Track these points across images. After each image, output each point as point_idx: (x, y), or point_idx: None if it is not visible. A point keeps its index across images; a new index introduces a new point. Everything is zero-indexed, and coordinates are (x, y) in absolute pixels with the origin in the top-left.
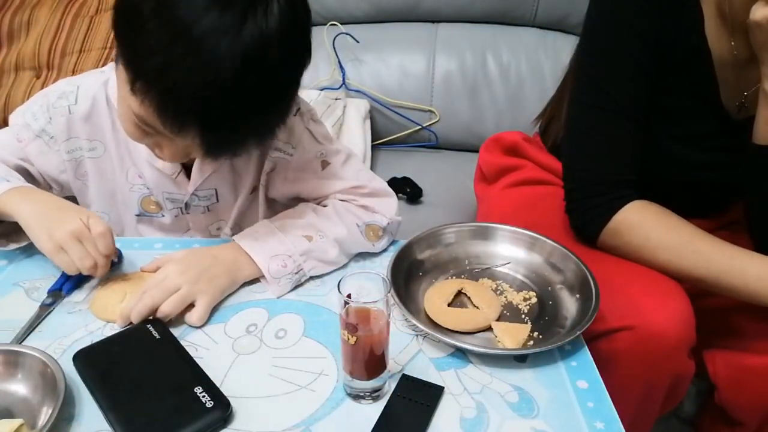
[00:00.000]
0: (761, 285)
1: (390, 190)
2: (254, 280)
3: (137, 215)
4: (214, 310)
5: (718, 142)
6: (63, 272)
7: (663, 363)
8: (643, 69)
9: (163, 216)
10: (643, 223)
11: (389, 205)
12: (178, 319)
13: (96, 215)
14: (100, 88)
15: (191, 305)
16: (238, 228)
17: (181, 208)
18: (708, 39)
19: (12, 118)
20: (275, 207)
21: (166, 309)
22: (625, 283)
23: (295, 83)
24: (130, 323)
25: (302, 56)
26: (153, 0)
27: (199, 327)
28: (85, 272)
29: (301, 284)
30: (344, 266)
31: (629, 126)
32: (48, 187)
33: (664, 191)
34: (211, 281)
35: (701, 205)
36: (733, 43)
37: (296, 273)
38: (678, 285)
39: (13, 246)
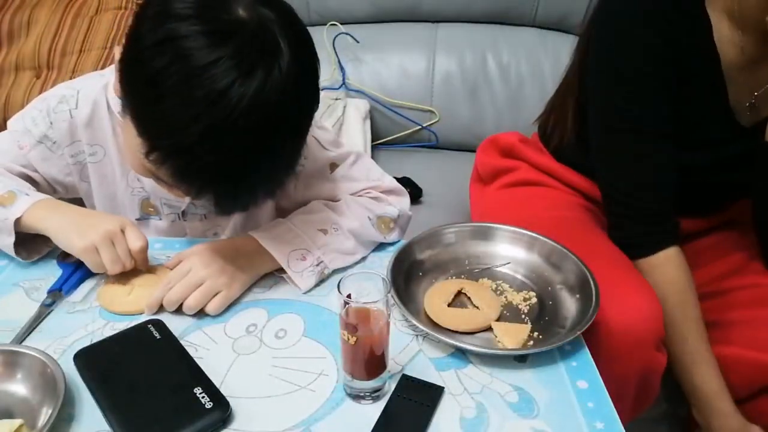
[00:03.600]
0: (701, 403)
1: (402, 188)
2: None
3: (138, 219)
4: None
5: (725, 147)
6: (63, 272)
7: (629, 358)
8: (664, 83)
9: (160, 219)
10: (662, 286)
11: (401, 201)
12: (179, 319)
13: (132, 225)
14: (100, 92)
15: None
16: (235, 235)
17: (178, 214)
18: (717, 45)
19: (11, 124)
20: (285, 215)
21: (192, 303)
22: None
23: (304, 135)
24: (134, 320)
25: (312, 108)
26: (173, 77)
27: (216, 316)
28: (111, 274)
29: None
30: (351, 264)
31: (668, 146)
32: (52, 191)
33: None
34: (234, 274)
35: (702, 204)
36: (742, 44)
37: (317, 265)
38: (645, 280)
39: (34, 257)
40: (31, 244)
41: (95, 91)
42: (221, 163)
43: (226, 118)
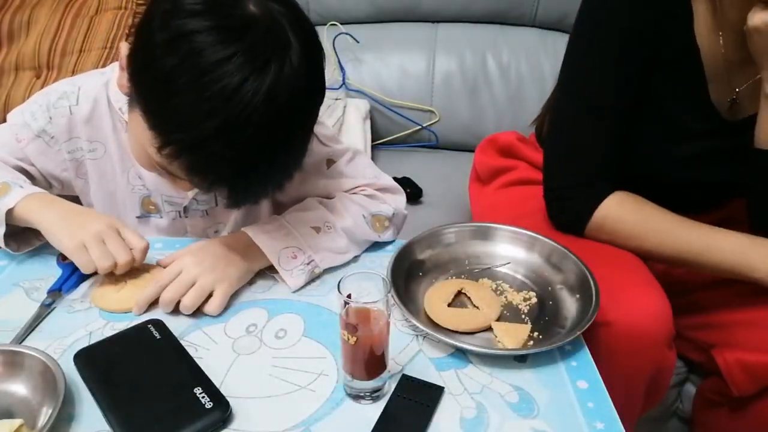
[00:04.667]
0: (737, 258)
1: (398, 186)
2: (255, 280)
3: (138, 217)
4: None
5: (708, 141)
6: (63, 272)
7: (641, 357)
8: (628, 66)
9: (161, 217)
10: (623, 218)
11: (396, 200)
12: (178, 319)
13: (126, 226)
14: (101, 90)
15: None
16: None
17: (179, 211)
18: (697, 37)
19: (10, 117)
20: (281, 210)
21: (188, 302)
22: (600, 278)
23: (312, 126)
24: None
25: (319, 99)
26: (187, 74)
27: (217, 316)
28: (101, 272)
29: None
30: (345, 264)
31: (607, 124)
32: (48, 186)
33: (657, 189)
34: (227, 269)
35: (694, 203)
36: (721, 42)
37: (308, 264)
38: (653, 277)
39: (25, 249)
40: (21, 236)
41: (96, 89)
42: (236, 158)
43: (240, 114)
